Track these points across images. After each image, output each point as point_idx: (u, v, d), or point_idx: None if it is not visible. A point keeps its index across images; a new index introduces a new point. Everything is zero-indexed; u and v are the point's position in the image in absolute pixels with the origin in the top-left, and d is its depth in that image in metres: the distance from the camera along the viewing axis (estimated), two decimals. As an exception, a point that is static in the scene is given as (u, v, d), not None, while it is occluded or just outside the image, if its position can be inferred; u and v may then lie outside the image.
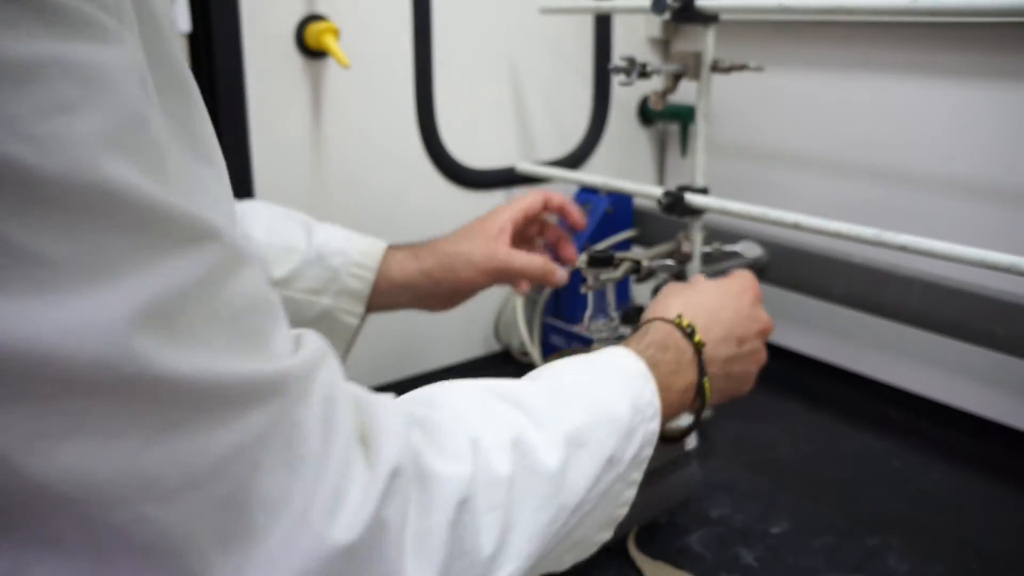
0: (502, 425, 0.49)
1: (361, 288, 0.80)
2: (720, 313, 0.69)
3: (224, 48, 0.90)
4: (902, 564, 0.76)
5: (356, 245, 0.81)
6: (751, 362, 0.71)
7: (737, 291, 0.72)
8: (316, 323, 0.80)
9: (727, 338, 0.68)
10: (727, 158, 1.24)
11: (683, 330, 0.65)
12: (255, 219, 0.79)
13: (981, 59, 0.96)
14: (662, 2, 0.85)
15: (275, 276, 0.78)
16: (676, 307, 0.68)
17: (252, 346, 0.35)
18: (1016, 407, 1.00)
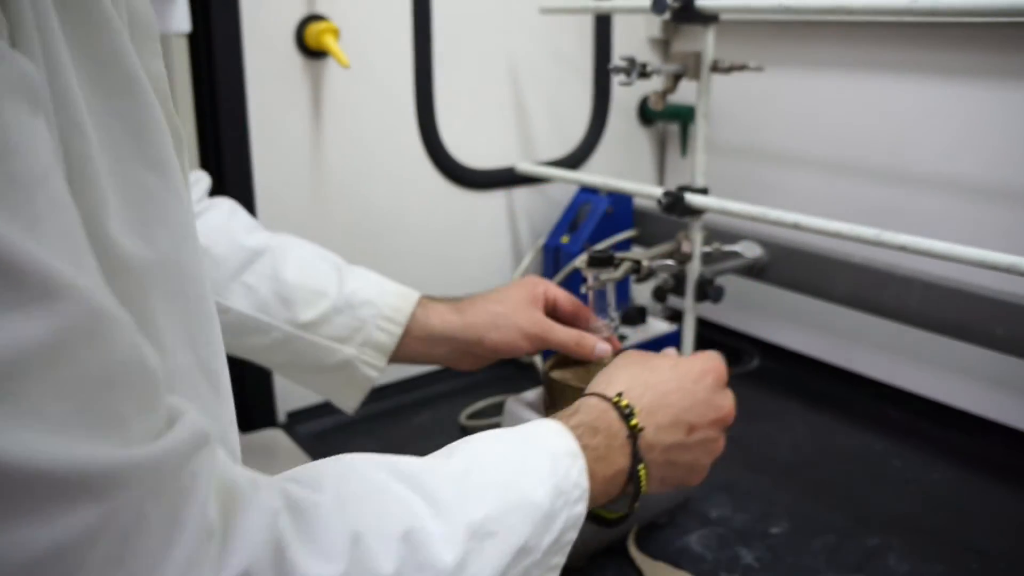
0: (395, 513, 0.44)
1: (387, 342, 0.78)
2: (670, 396, 0.63)
3: (224, 48, 0.90)
4: (902, 564, 0.76)
5: (388, 298, 0.78)
6: (702, 452, 0.65)
7: (697, 373, 0.66)
8: (336, 370, 0.78)
9: (674, 424, 0.62)
10: (727, 158, 1.24)
11: (620, 410, 0.60)
12: (286, 256, 0.77)
13: (981, 59, 0.96)
14: (662, 2, 0.85)
15: (302, 319, 0.76)
16: (620, 383, 0.63)
17: (99, 428, 0.30)
18: (1016, 407, 1.00)
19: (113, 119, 0.36)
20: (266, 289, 0.76)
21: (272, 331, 0.76)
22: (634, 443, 0.59)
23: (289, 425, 1.04)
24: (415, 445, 0.99)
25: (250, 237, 0.78)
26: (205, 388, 0.43)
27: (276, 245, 0.78)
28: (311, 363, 0.78)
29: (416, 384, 1.15)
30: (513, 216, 1.23)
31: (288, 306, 0.76)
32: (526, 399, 0.84)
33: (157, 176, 0.38)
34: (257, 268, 0.76)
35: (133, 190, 0.37)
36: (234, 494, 0.38)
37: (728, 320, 1.31)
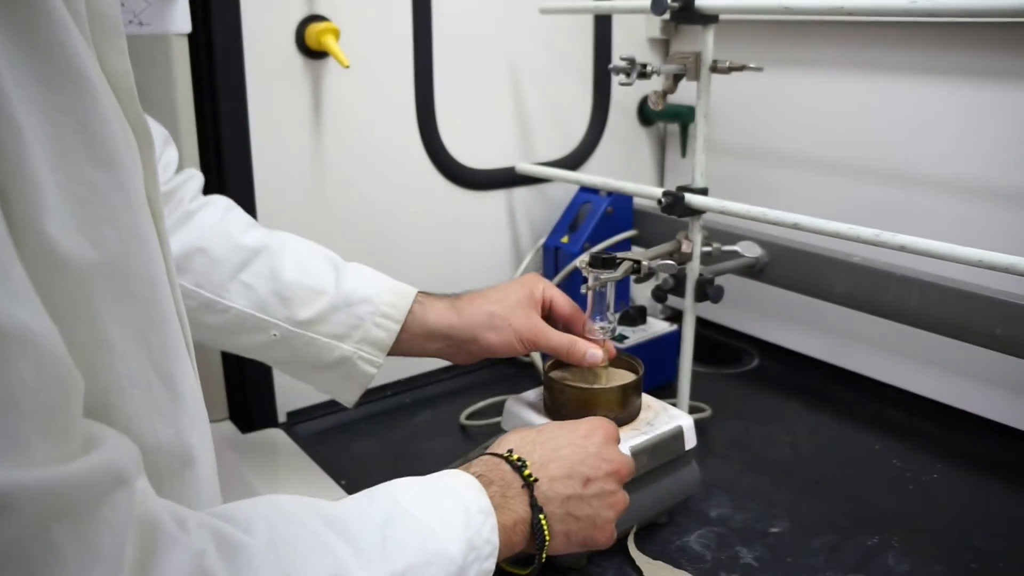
0: (323, 560, 0.45)
1: (385, 338, 0.79)
2: (561, 450, 0.65)
3: (224, 48, 0.90)
4: (901, 563, 0.76)
5: (385, 296, 0.79)
6: (602, 505, 0.65)
7: (585, 431, 0.68)
8: (335, 367, 0.79)
9: (569, 476, 0.63)
10: (727, 158, 1.24)
11: (512, 463, 0.62)
12: (284, 255, 0.78)
13: (981, 59, 0.96)
14: (662, 2, 0.85)
15: (300, 317, 0.77)
16: (510, 443, 0.65)
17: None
18: (1016, 407, 1.00)
19: (56, 113, 0.35)
20: (264, 288, 0.76)
21: (271, 329, 0.76)
22: (530, 492, 0.61)
23: (289, 425, 1.04)
24: (415, 445, 1.00)
25: (247, 236, 0.78)
26: (160, 390, 0.42)
27: (273, 244, 0.79)
28: (310, 360, 0.79)
29: (416, 384, 1.15)
30: (513, 216, 1.23)
31: (287, 304, 0.76)
32: (526, 399, 0.84)
33: (105, 173, 0.38)
34: (255, 267, 0.77)
35: (78, 187, 0.36)
36: (156, 533, 0.37)
37: (728, 320, 1.31)
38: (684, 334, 0.95)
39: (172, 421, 0.44)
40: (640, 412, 0.81)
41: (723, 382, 1.18)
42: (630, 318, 1.12)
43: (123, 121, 0.42)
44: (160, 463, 0.43)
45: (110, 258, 0.38)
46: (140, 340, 0.41)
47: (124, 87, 0.44)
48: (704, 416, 1.03)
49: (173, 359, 0.44)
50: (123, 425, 0.39)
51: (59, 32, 0.35)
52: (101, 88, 0.38)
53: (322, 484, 0.89)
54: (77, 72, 0.36)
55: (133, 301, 0.40)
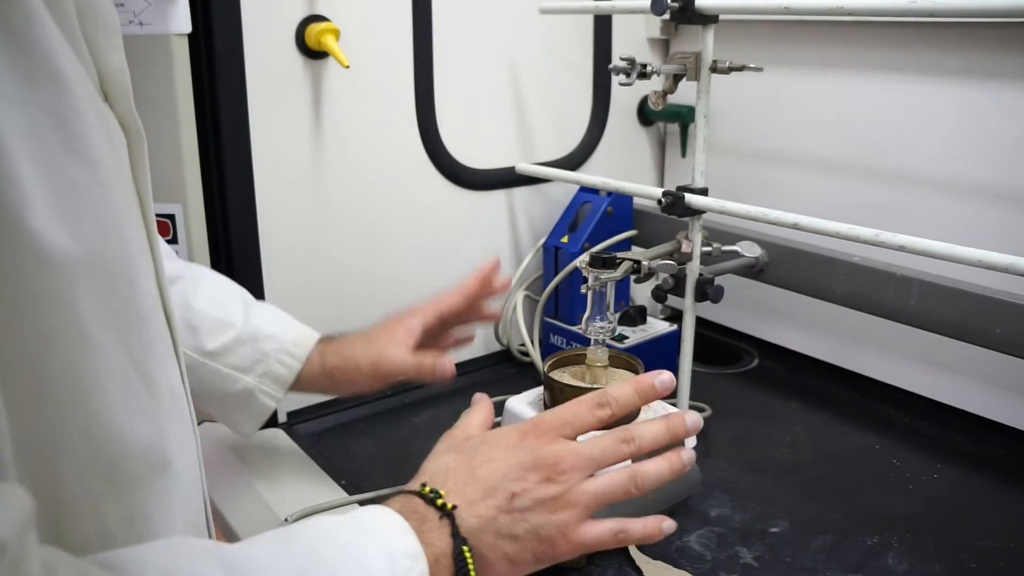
0: None
1: (286, 375, 0.82)
2: (478, 470, 0.59)
3: (224, 48, 0.90)
4: (901, 563, 0.76)
5: (290, 335, 0.82)
6: (543, 514, 0.58)
7: (507, 441, 0.61)
8: (235, 397, 0.81)
9: (488, 495, 0.57)
10: (727, 158, 1.24)
11: (425, 496, 0.57)
12: (198, 287, 0.81)
13: (981, 59, 0.96)
14: (662, 2, 0.85)
15: (207, 347, 0.79)
16: (424, 475, 0.61)
17: None
18: (1016, 407, 1.00)
19: (36, 109, 0.35)
20: (176, 316, 0.78)
21: None
22: (451, 522, 0.56)
23: (289, 425, 1.04)
24: (415, 445, 1.00)
25: (165, 265, 0.79)
26: (140, 390, 0.42)
27: (189, 275, 0.81)
28: (212, 390, 0.81)
29: (416, 384, 1.15)
30: (513, 216, 1.23)
31: (195, 333, 0.79)
32: (526, 399, 0.84)
33: (84, 169, 0.38)
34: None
35: (58, 182, 0.36)
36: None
37: (728, 320, 1.31)
38: (684, 334, 0.95)
39: (151, 419, 0.43)
40: (640, 412, 0.81)
41: (723, 382, 1.18)
42: (630, 318, 1.12)
43: (105, 118, 0.42)
44: (140, 464, 0.42)
45: (90, 253, 0.38)
46: (120, 338, 0.40)
47: (119, 83, 0.44)
48: (704, 416, 1.03)
49: (152, 357, 0.44)
50: (104, 422, 0.39)
51: (37, 28, 0.35)
52: (79, 85, 0.38)
53: (322, 484, 0.90)
54: (55, 68, 0.36)
55: (113, 298, 0.40)
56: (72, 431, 0.38)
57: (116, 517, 0.41)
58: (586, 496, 0.60)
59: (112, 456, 0.40)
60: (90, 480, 0.39)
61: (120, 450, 0.40)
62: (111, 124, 0.43)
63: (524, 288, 1.23)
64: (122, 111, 0.45)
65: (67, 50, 0.38)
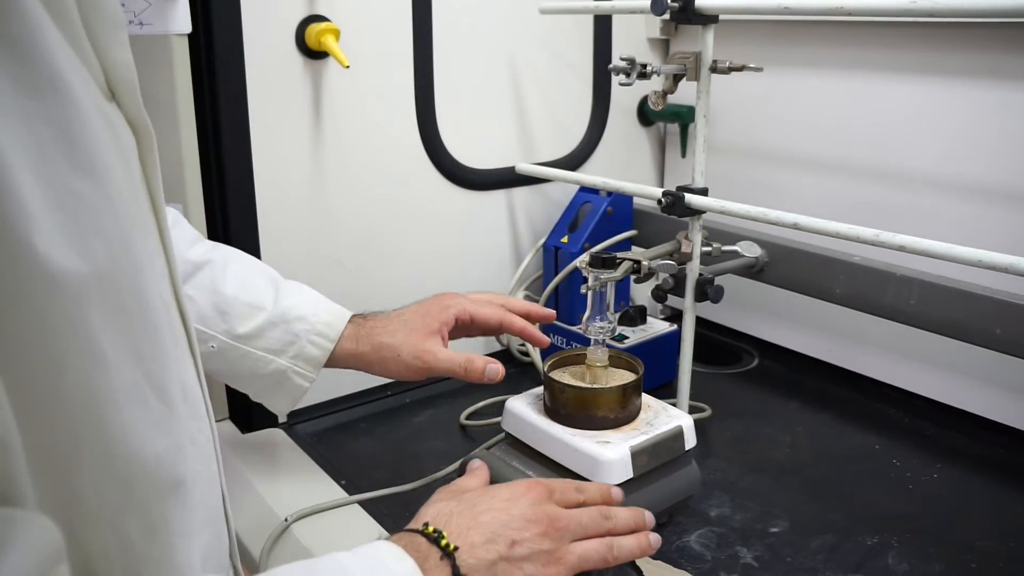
0: None
1: (319, 355, 0.82)
2: (480, 516, 0.62)
3: (225, 48, 0.90)
4: (901, 563, 0.76)
5: (322, 315, 0.82)
6: (537, 566, 0.62)
7: (507, 495, 0.65)
8: (269, 378, 0.81)
9: (491, 540, 0.60)
10: (727, 158, 1.24)
11: (428, 536, 0.59)
12: (226, 270, 0.80)
13: (981, 59, 0.96)
14: (662, 2, 0.85)
15: (239, 331, 0.79)
16: (427, 516, 0.63)
17: None
18: (1016, 407, 1.00)
19: (37, 122, 0.34)
20: (205, 301, 0.79)
21: (210, 341, 0.79)
22: (452, 562, 0.58)
23: (289, 425, 1.04)
24: (415, 445, 1.00)
25: (191, 250, 0.80)
26: (155, 404, 0.42)
27: (216, 258, 0.81)
28: (246, 372, 0.81)
29: (416, 384, 1.15)
30: (513, 216, 1.23)
31: (226, 318, 0.79)
32: (526, 399, 0.84)
33: (90, 181, 0.37)
34: (198, 280, 0.79)
35: (64, 198, 0.35)
36: None
37: (728, 320, 1.31)
38: (684, 334, 0.95)
39: (168, 433, 0.43)
40: (640, 412, 0.81)
41: (723, 382, 1.18)
42: (630, 318, 1.12)
43: (111, 118, 0.41)
44: (158, 476, 0.42)
45: (99, 270, 0.37)
46: (132, 352, 0.40)
47: (125, 79, 0.43)
48: (704, 416, 1.03)
49: (165, 369, 0.43)
50: (119, 438, 0.39)
51: (37, 38, 0.35)
52: (82, 93, 0.37)
53: (322, 484, 0.90)
54: (57, 77, 0.35)
55: (124, 313, 0.39)
56: (88, 447, 0.37)
57: (136, 527, 0.41)
58: (573, 556, 0.64)
59: (130, 470, 0.40)
60: (108, 493, 0.39)
61: (138, 464, 0.40)
62: (118, 124, 0.43)
63: (524, 288, 1.23)
64: (129, 108, 0.44)
65: (68, 54, 0.37)
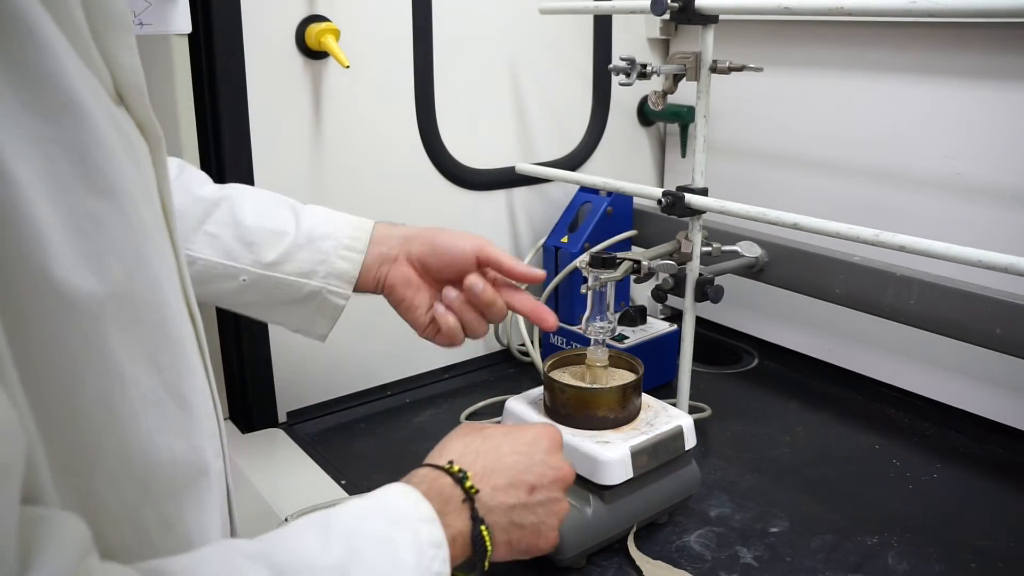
0: None
1: (350, 269, 0.80)
2: (505, 459, 0.64)
3: (225, 48, 0.90)
4: (900, 563, 0.76)
5: (345, 230, 0.81)
6: (547, 513, 0.65)
7: (530, 438, 0.67)
8: (305, 303, 0.80)
9: (513, 484, 0.63)
10: (727, 158, 1.24)
11: (453, 475, 0.60)
12: (243, 202, 0.80)
13: (981, 59, 0.96)
14: (662, 2, 0.85)
15: (267, 259, 0.78)
16: (453, 452, 0.63)
17: None
18: (1016, 407, 1.00)
19: (53, 146, 0.35)
20: (228, 235, 0.78)
21: (240, 275, 0.78)
22: (472, 505, 0.59)
23: (289, 425, 1.04)
24: (415, 445, 1.00)
25: (204, 188, 0.80)
26: (173, 410, 0.43)
27: (232, 193, 0.80)
28: (281, 299, 0.80)
29: (416, 384, 1.15)
30: (513, 216, 1.23)
31: (252, 248, 0.78)
32: (526, 399, 0.84)
33: (106, 202, 0.37)
34: (217, 217, 0.78)
35: (80, 221, 0.36)
36: None
37: (728, 320, 1.31)
38: (684, 334, 0.95)
39: (186, 435, 0.44)
40: (640, 412, 0.81)
41: (723, 382, 1.18)
42: (630, 318, 1.12)
43: (122, 125, 0.41)
44: (175, 474, 0.43)
45: (116, 289, 0.38)
46: (150, 364, 0.41)
47: (134, 84, 0.44)
48: (704, 416, 1.03)
49: (184, 376, 0.44)
50: (137, 444, 0.40)
51: (50, 61, 0.35)
52: (95, 108, 0.38)
53: (322, 484, 0.90)
54: (71, 100, 0.36)
55: (141, 327, 0.40)
56: (107, 453, 0.38)
57: (153, 521, 0.42)
58: (567, 510, 0.67)
59: (147, 471, 0.41)
60: (126, 491, 0.40)
61: (155, 465, 0.41)
62: (128, 130, 0.43)
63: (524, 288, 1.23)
64: (139, 111, 0.44)
65: (79, 67, 0.37)
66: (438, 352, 1.17)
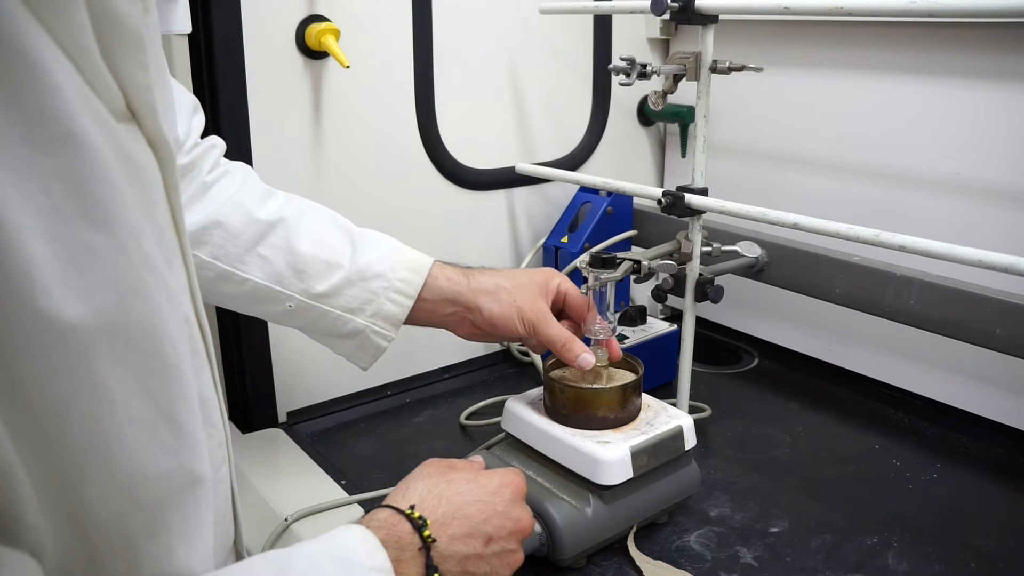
0: None
1: (398, 313, 0.80)
2: (466, 508, 0.64)
3: (225, 49, 0.90)
4: (900, 563, 0.76)
5: (399, 272, 0.80)
6: (500, 564, 0.65)
7: (494, 487, 0.66)
8: (348, 338, 0.80)
9: (471, 534, 0.63)
10: (727, 158, 1.24)
11: (412, 521, 0.60)
12: (300, 228, 0.79)
13: (981, 59, 0.96)
14: (662, 2, 0.85)
15: (316, 290, 0.78)
16: (415, 495, 0.63)
17: None
18: (1016, 407, 1.00)
19: (51, 179, 0.35)
20: (281, 261, 0.78)
21: (287, 301, 0.78)
22: (427, 554, 0.59)
23: (289, 425, 1.04)
24: (415, 445, 1.00)
25: (263, 208, 0.79)
26: (163, 430, 0.43)
27: (290, 215, 0.79)
28: (325, 330, 0.80)
29: (416, 384, 1.15)
30: (513, 216, 1.23)
31: (302, 277, 0.78)
32: (526, 399, 0.84)
33: (104, 235, 0.38)
34: (271, 240, 0.78)
35: (76, 254, 0.36)
36: None
37: (728, 320, 1.31)
38: (684, 334, 0.95)
39: (174, 454, 0.44)
40: (640, 412, 0.81)
41: (723, 382, 1.18)
42: (630, 318, 1.12)
43: (125, 147, 0.41)
44: (161, 488, 0.44)
45: (108, 320, 0.38)
46: (141, 388, 0.42)
47: (144, 102, 0.43)
48: (704, 416, 1.03)
49: (176, 398, 0.44)
50: (124, 462, 0.41)
51: (49, 94, 0.35)
52: (98, 141, 0.38)
53: (322, 484, 0.90)
54: (69, 133, 0.36)
55: (133, 354, 0.41)
56: (94, 470, 0.39)
57: (139, 528, 0.43)
58: (520, 561, 0.67)
59: (133, 483, 0.42)
60: (113, 500, 0.41)
61: (141, 479, 0.42)
62: (137, 150, 0.43)
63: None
64: (149, 131, 0.44)
65: (80, 91, 0.37)
66: (438, 352, 1.18)
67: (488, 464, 0.78)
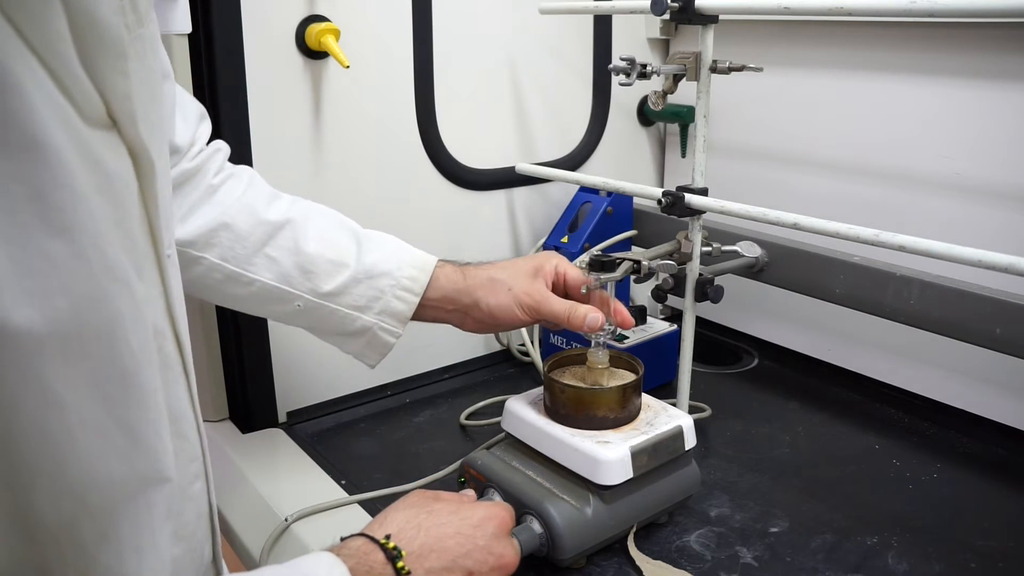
0: None
1: (405, 310, 0.81)
2: (446, 540, 0.62)
3: (225, 48, 0.90)
4: (900, 563, 0.76)
5: (405, 270, 0.81)
6: None
7: (478, 519, 0.65)
8: (356, 335, 0.81)
9: (449, 569, 0.61)
10: (727, 158, 1.25)
11: (387, 552, 0.58)
12: (307, 228, 0.80)
13: (981, 59, 0.96)
14: (662, 2, 0.85)
15: (323, 289, 0.79)
16: (393, 524, 0.62)
17: None
18: (1016, 407, 1.00)
19: (10, 182, 0.35)
20: (288, 261, 0.79)
21: (295, 300, 0.79)
22: None
23: (289, 425, 1.04)
24: (415, 445, 1.00)
25: (270, 210, 0.80)
26: (117, 437, 0.43)
27: (297, 216, 0.80)
28: (333, 328, 0.81)
29: (416, 384, 1.15)
30: (513, 216, 1.23)
31: (309, 277, 0.79)
32: (526, 399, 0.84)
33: (61, 241, 0.38)
34: (279, 241, 0.79)
35: (31, 259, 0.36)
36: None
37: (728, 320, 1.31)
38: (684, 334, 0.95)
39: (127, 460, 0.44)
40: (640, 412, 0.81)
41: (723, 382, 1.18)
42: (630, 318, 1.12)
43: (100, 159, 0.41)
44: (114, 494, 0.44)
45: (60, 327, 0.38)
46: (96, 394, 0.42)
47: (124, 110, 0.43)
48: (704, 416, 1.03)
49: (135, 407, 0.44)
50: (74, 467, 0.41)
51: (15, 100, 0.35)
52: (65, 149, 0.38)
53: (322, 484, 0.90)
54: (31, 138, 0.36)
55: (87, 361, 0.41)
56: (44, 474, 0.40)
57: (90, 534, 0.43)
58: None
59: (84, 488, 0.42)
60: (64, 507, 0.41)
61: (92, 484, 0.42)
62: (111, 159, 0.43)
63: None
64: (129, 139, 0.44)
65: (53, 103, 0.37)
66: (438, 352, 1.18)
67: (488, 464, 0.78)
